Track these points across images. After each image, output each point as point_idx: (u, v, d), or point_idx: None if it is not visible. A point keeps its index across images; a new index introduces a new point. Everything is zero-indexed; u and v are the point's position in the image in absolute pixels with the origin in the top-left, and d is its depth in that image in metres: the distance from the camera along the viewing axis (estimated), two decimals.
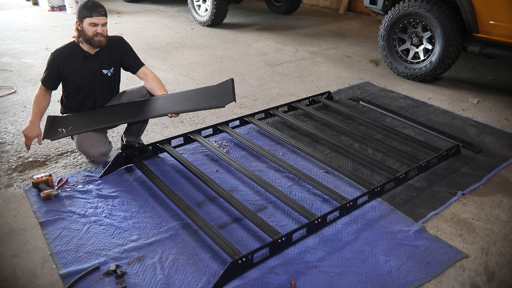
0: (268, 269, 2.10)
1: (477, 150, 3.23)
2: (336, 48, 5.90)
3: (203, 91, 2.63)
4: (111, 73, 2.85)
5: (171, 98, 2.71)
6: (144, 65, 2.96)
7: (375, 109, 3.93)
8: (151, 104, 2.80)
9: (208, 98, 2.54)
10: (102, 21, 2.63)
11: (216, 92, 2.56)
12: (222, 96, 2.52)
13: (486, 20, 3.94)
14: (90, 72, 2.77)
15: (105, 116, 2.78)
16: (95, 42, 2.65)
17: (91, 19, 2.60)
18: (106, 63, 2.81)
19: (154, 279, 2.03)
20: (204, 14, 6.78)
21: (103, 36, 2.66)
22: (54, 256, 2.16)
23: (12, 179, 2.80)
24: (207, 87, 2.67)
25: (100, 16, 2.62)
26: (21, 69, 4.82)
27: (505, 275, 2.13)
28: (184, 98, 2.64)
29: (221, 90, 2.57)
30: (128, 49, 2.91)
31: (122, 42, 2.89)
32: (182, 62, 5.18)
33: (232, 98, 2.54)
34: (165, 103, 2.71)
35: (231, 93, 2.55)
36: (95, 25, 2.61)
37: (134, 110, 2.73)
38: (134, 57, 2.93)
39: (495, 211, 2.61)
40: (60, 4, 7.88)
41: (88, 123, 2.72)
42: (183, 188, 2.73)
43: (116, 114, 2.75)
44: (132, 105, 2.84)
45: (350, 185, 2.80)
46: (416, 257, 2.21)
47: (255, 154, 3.13)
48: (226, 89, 2.54)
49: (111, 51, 2.82)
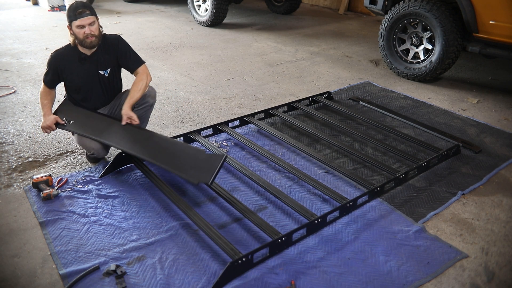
0: (268, 269, 2.10)
1: (477, 150, 3.23)
2: (336, 48, 5.90)
3: (192, 153, 2.38)
4: (108, 73, 2.84)
5: (165, 142, 2.51)
6: (141, 65, 2.87)
7: (375, 109, 3.93)
8: (145, 140, 2.61)
9: (191, 164, 2.32)
10: (88, 21, 2.59)
11: (202, 162, 2.32)
12: (203, 170, 2.28)
13: (486, 20, 3.94)
14: (87, 73, 2.77)
15: (105, 129, 2.68)
16: (87, 43, 2.64)
17: (76, 21, 2.57)
18: (102, 64, 2.80)
19: (154, 279, 2.03)
20: (204, 14, 6.78)
21: (94, 35, 2.63)
22: (54, 256, 2.16)
23: (12, 179, 2.80)
24: (197, 151, 2.40)
25: (85, 17, 2.58)
26: (21, 69, 4.82)
27: (505, 275, 2.13)
28: (173, 149, 2.43)
29: (207, 163, 2.31)
30: (123, 49, 2.84)
31: (117, 42, 2.82)
32: (182, 62, 5.18)
33: (209, 178, 2.26)
34: (159, 146, 2.52)
35: (212, 172, 2.27)
36: (82, 27, 2.58)
37: (130, 138, 2.59)
38: (130, 57, 2.86)
39: (495, 211, 2.61)
40: (60, 4, 7.89)
41: (89, 127, 2.69)
42: (183, 188, 2.73)
43: (116, 134, 2.63)
44: (131, 132, 2.67)
45: (350, 185, 2.80)
46: (416, 257, 2.21)
47: (255, 154, 3.13)
48: (211, 164, 2.28)
49: (106, 51, 2.79)
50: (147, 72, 2.88)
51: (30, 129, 3.46)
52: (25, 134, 3.38)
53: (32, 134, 3.38)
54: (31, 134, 3.38)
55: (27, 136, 3.34)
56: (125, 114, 2.69)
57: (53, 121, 2.71)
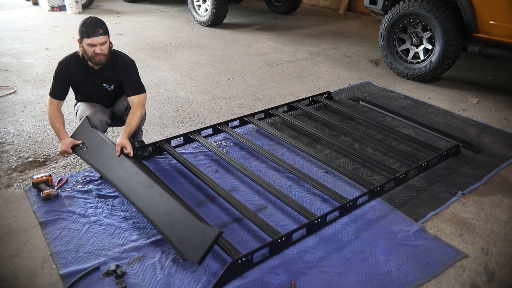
0: (268, 269, 2.10)
1: (477, 150, 3.23)
2: (336, 48, 5.90)
3: (187, 221, 2.10)
4: (111, 88, 2.85)
5: (165, 199, 2.26)
6: (138, 94, 2.78)
7: (375, 109, 3.93)
8: (147, 189, 2.38)
9: (184, 234, 2.06)
10: (100, 41, 2.56)
11: (196, 234, 2.04)
12: (194, 245, 2.01)
13: (486, 20, 3.94)
14: (92, 84, 2.79)
15: (113, 166, 2.55)
16: (95, 61, 2.63)
17: (88, 40, 2.55)
18: (108, 79, 2.80)
19: (154, 279, 2.03)
20: (204, 14, 6.78)
21: (103, 54, 2.61)
22: (54, 256, 2.16)
23: (12, 179, 2.80)
24: (192, 219, 2.10)
25: (98, 37, 2.55)
26: (21, 69, 4.82)
27: (505, 275, 2.13)
28: (169, 209, 2.20)
29: (200, 237, 2.02)
30: (130, 76, 2.78)
31: (126, 67, 2.76)
32: (182, 62, 5.18)
33: (198, 258, 1.98)
34: (157, 201, 2.29)
35: (203, 250, 1.98)
36: (93, 46, 2.56)
37: (134, 184, 2.41)
38: (133, 84, 2.78)
39: (495, 211, 2.61)
40: (60, 4, 7.88)
41: (99, 159, 2.60)
42: (183, 188, 2.73)
43: (122, 173, 2.49)
44: (137, 177, 2.46)
45: (350, 185, 2.80)
46: (416, 257, 2.21)
47: (255, 154, 3.13)
48: (204, 239, 2.00)
49: (114, 70, 2.76)
50: (143, 104, 2.80)
51: (30, 129, 3.46)
52: (25, 134, 3.38)
53: (32, 134, 3.38)
54: (31, 134, 3.38)
55: (27, 136, 3.35)
56: (119, 144, 2.61)
57: (69, 145, 2.69)
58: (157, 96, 4.13)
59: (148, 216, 2.19)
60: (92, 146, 2.65)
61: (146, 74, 4.66)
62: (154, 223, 2.16)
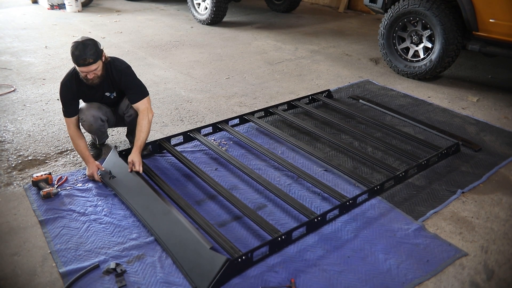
0: (268, 267, 2.11)
1: (477, 149, 3.23)
2: (336, 47, 5.90)
3: (197, 248, 2.12)
4: (114, 95, 2.87)
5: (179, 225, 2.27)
6: (142, 99, 2.79)
7: (374, 107, 3.93)
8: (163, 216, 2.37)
9: (194, 260, 2.08)
10: (90, 70, 2.53)
11: (204, 261, 2.05)
12: (202, 272, 2.02)
13: (486, 18, 3.93)
14: (94, 94, 2.81)
15: (138, 198, 2.53)
16: (89, 82, 2.62)
17: (79, 68, 2.53)
18: (109, 89, 2.81)
19: (154, 277, 2.04)
20: (204, 12, 6.77)
21: (96, 77, 2.60)
22: (54, 254, 2.16)
23: (12, 178, 2.80)
24: (202, 246, 2.10)
25: (86, 66, 2.51)
26: (21, 67, 4.81)
27: (505, 273, 2.13)
28: (181, 235, 2.22)
29: (208, 264, 2.03)
30: (128, 83, 2.77)
31: (121, 76, 2.74)
32: (181, 60, 5.17)
33: (206, 285, 1.96)
34: (172, 228, 2.29)
35: (211, 278, 1.97)
36: (84, 72, 2.55)
37: (154, 212, 2.42)
38: (133, 91, 2.79)
39: (495, 209, 2.61)
40: (59, 2, 7.86)
41: (125, 190, 2.61)
42: (183, 186, 2.73)
43: (145, 203, 2.47)
44: (157, 206, 2.44)
45: (349, 183, 2.81)
46: (416, 255, 2.21)
47: (254, 153, 3.13)
48: (212, 266, 2.00)
49: (112, 81, 2.77)
50: (149, 108, 2.81)
51: (30, 127, 3.46)
52: (25, 132, 3.38)
53: (32, 132, 3.38)
54: (30, 132, 3.38)
55: (27, 135, 3.34)
56: (130, 162, 2.69)
57: (95, 169, 2.73)
58: (156, 94, 4.13)
59: (166, 245, 2.22)
60: (119, 175, 2.70)
61: (146, 73, 4.66)
62: (170, 252, 2.18)
